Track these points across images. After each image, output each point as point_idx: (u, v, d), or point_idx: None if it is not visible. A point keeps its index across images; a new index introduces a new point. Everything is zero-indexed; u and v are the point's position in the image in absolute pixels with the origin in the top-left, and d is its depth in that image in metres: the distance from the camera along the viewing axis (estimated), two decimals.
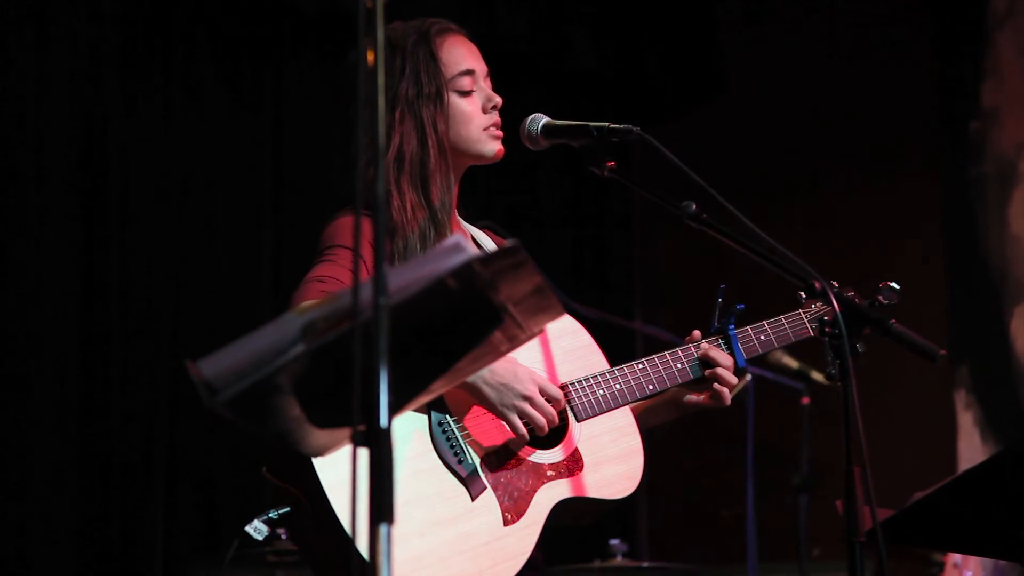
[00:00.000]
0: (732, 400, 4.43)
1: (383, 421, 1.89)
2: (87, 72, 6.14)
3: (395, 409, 1.93)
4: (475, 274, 2.02)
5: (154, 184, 6.27)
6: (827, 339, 2.80)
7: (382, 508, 1.85)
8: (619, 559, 5.96)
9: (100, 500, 5.93)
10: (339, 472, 2.80)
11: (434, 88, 3.21)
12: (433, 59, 3.23)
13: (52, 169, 6.00)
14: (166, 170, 6.31)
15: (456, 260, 1.97)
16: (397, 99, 3.20)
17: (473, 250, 2.00)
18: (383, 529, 1.83)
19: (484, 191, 6.94)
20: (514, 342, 2.24)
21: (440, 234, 3.14)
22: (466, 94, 3.26)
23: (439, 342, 2.14)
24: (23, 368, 5.81)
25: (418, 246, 3.11)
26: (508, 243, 2.11)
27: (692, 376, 3.26)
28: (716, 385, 3.24)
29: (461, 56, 3.28)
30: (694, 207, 2.99)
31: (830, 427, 2.72)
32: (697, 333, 3.29)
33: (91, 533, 5.89)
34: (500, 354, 2.30)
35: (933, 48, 7.63)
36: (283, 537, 4.88)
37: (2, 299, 5.81)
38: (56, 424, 5.85)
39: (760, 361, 4.05)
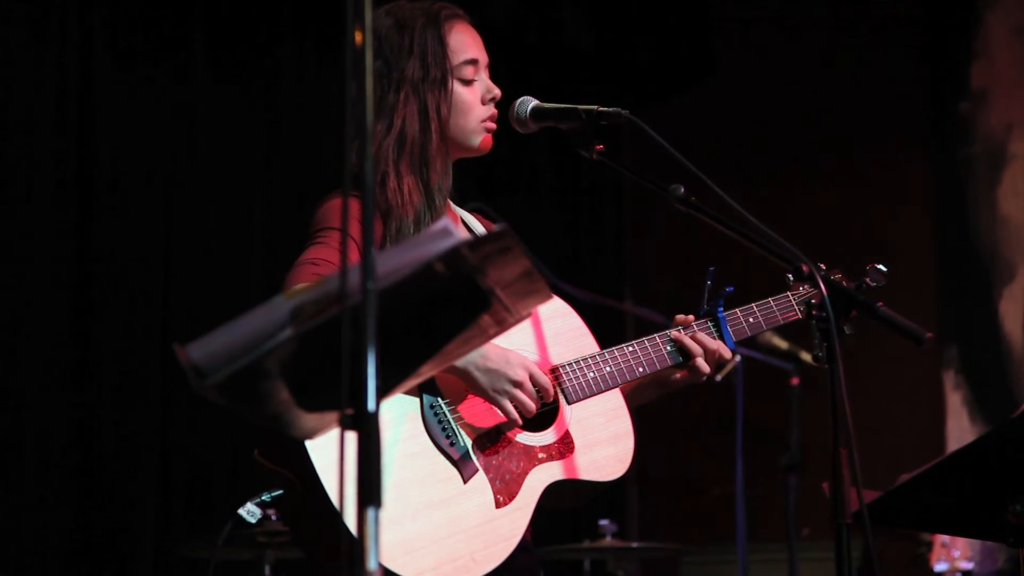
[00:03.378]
0: (722, 381, 4.45)
1: (371, 405, 1.89)
2: (79, 53, 6.12)
3: (383, 393, 1.94)
4: (463, 258, 2.02)
5: (145, 166, 6.26)
6: (814, 322, 2.81)
7: (370, 491, 1.85)
8: (609, 539, 5.98)
9: (91, 482, 5.94)
10: (332, 454, 2.79)
11: (440, 73, 3.21)
12: (441, 43, 3.23)
13: (42, 151, 5.98)
14: (157, 152, 6.30)
15: (444, 244, 1.98)
16: (403, 80, 3.20)
17: (462, 234, 2.00)
18: (370, 512, 1.83)
19: (474, 173, 6.92)
20: (503, 325, 2.25)
21: (436, 219, 3.14)
22: (468, 83, 3.26)
23: (427, 326, 2.14)
24: (13, 353, 5.81)
25: (412, 229, 3.10)
26: (497, 227, 2.12)
27: (680, 359, 3.27)
28: (698, 361, 3.25)
29: (467, 44, 3.28)
30: (682, 190, 3.00)
31: (819, 407, 2.73)
32: (691, 317, 3.30)
33: (81, 517, 5.90)
34: (488, 337, 2.31)
35: (923, 29, 7.64)
36: (273, 518, 4.89)
37: None
38: (46, 410, 5.85)
39: (750, 342, 4.06)
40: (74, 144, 6.08)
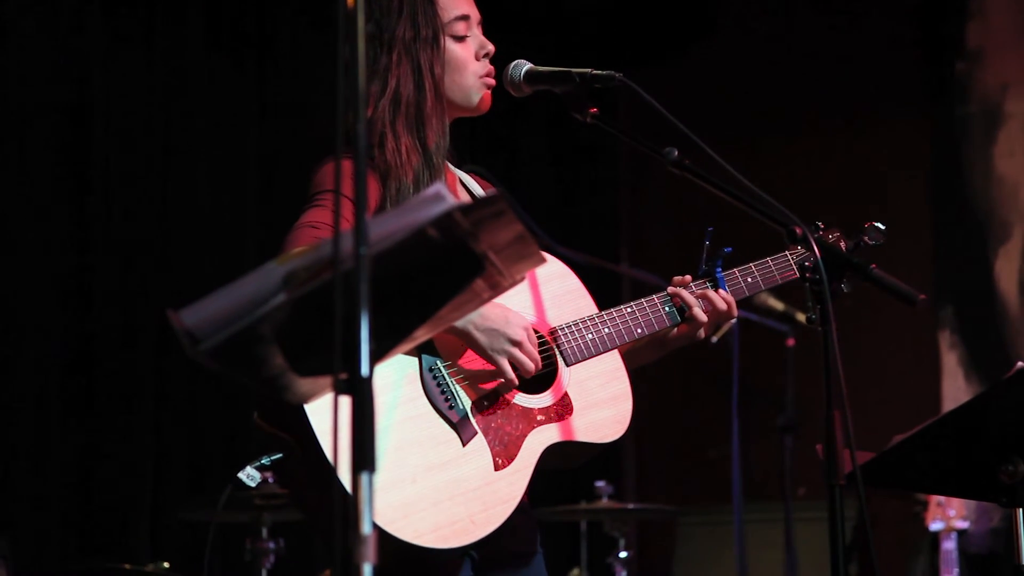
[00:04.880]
0: (717, 342, 4.42)
1: (364, 369, 1.90)
2: (71, 20, 6.09)
3: (377, 357, 1.95)
4: (456, 223, 2.02)
5: (138, 131, 6.24)
6: (808, 284, 2.81)
7: (364, 456, 1.86)
8: (605, 500, 5.99)
9: (88, 447, 5.95)
10: (331, 418, 2.80)
11: (431, 32, 3.20)
12: (430, 2, 3.22)
13: (35, 117, 5.97)
14: (150, 117, 6.28)
15: (437, 209, 1.98)
16: (394, 41, 3.18)
17: (454, 199, 2.00)
18: (365, 477, 1.84)
19: (470, 134, 6.92)
20: (496, 289, 2.26)
21: (435, 179, 3.14)
22: (461, 39, 3.25)
23: (421, 290, 2.15)
24: (9, 321, 5.80)
25: (411, 190, 3.10)
26: (490, 192, 2.12)
27: (678, 320, 3.27)
28: (695, 311, 3.25)
29: (456, 2, 3.27)
30: (676, 153, 3.00)
31: (815, 368, 2.74)
32: (688, 278, 3.31)
33: (79, 483, 5.91)
34: (482, 301, 2.31)
35: None
36: (270, 481, 4.91)
37: None
38: (41, 375, 5.86)
39: (746, 303, 4.07)
40: (68, 117, 6.06)
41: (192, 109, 6.41)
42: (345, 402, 1.92)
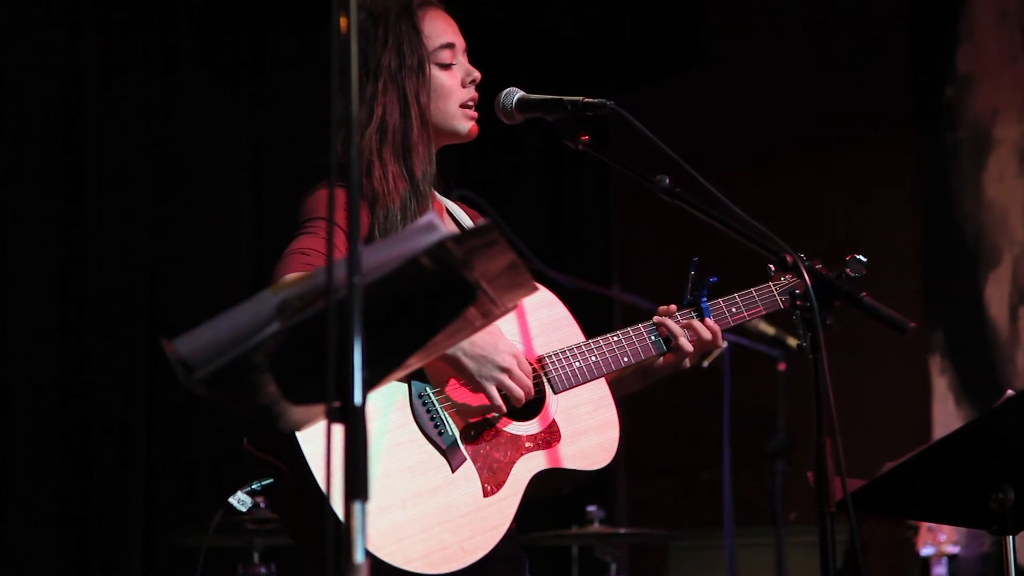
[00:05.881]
0: (709, 367, 4.44)
1: (357, 398, 1.91)
2: (64, 43, 6.10)
3: (370, 385, 1.95)
4: (449, 252, 2.03)
5: (131, 157, 6.24)
6: (798, 312, 2.82)
7: (357, 485, 1.87)
8: (596, 525, 5.99)
9: (80, 471, 5.94)
10: (322, 444, 2.82)
11: (416, 60, 3.23)
12: (415, 31, 3.25)
13: (28, 140, 5.97)
14: (144, 142, 6.28)
15: (430, 239, 1.99)
16: (380, 70, 3.21)
17: (447, 228, 2.02)
18: (358, 506, 1.85)
19: (462, 159, 6.93)
20: (489, 317, 2.27)
21: (422, 206, 3.15)
22: (446, 67, 3.28)
23: (414, 319, 2.16)
24: (0, 341, 5.80)
25: (399, 217, 3.12)
26: (482, 221, 2.13)
27: (664, 349, 3.29)
28: (682, 340, 3.27)
29: (442, 29, 3.30)
30: (667, 181, 3.01)
31: (806, 393, 2.75)
32: (673, 307, 3.32)
33: (70, 507, 5.90)
34: (475, 329, 2.33)
35: (909, 14, 7.65)
36: (262, 506, 4.91)
37: None
38: (35, 399, 5.85)
39: (737, 328, 4.09)
40: (60, 136, 6.06)
41: (184, 133, 6.41)
42: (338, 430, 1.93)
